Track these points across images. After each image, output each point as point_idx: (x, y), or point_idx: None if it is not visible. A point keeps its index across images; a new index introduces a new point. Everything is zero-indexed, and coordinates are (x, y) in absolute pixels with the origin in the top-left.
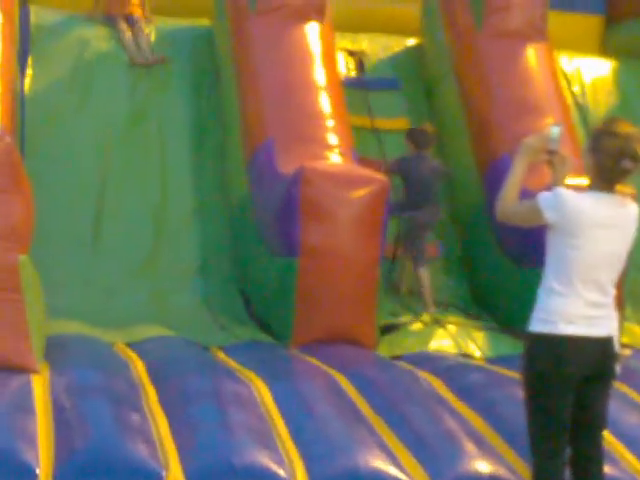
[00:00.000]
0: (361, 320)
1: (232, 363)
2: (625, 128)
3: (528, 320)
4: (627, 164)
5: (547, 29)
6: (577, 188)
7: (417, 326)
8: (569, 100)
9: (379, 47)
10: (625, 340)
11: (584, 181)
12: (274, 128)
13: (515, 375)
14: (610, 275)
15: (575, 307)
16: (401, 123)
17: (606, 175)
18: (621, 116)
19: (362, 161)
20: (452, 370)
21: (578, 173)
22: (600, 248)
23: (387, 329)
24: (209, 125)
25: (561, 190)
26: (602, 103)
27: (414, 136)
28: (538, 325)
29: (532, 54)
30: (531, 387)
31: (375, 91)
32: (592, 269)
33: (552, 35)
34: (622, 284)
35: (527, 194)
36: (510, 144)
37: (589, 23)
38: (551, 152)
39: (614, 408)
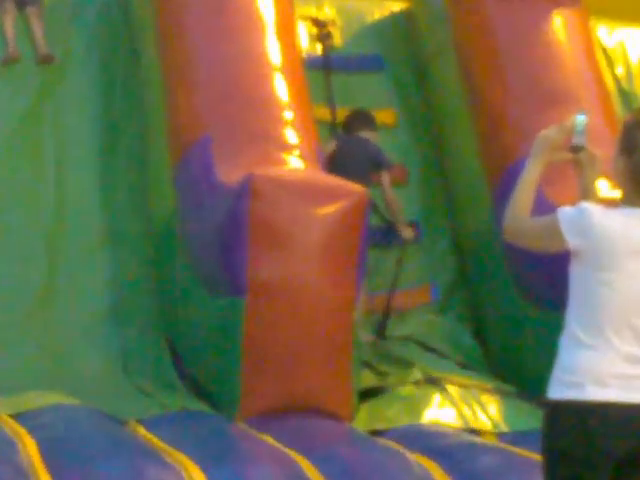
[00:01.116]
0: (332, 382)
1: (156, 441)
2: None
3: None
4: None
5: None
6: (611, 202)
7: (407, 389)
8: (610, 85)
9: (354, 14)
10: None
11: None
12: (211, 122)
13: (536, 456)
14: None
15: (608, 364)
16: (386, 116)
17: None
18: None
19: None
20: (454, 451)
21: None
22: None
23: (367, 394)
24: (123, 122)
25: (587, 205)
26: None
27: (349, 117)
28: (559, 389)
29: (560, 24)
30: (552, 473)
31: (349, 73)
32: (629, 312)
33: None
34: None
35: (545, 207)
36: (529, 144)
37: None
38: (576, 148)
39: None
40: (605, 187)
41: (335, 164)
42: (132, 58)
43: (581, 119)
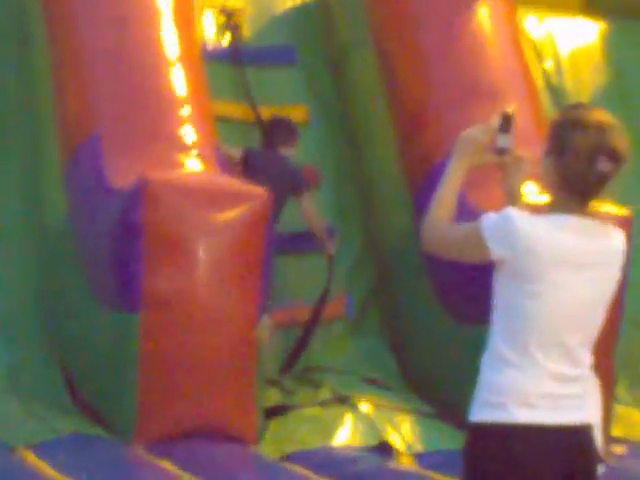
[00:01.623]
0: (234, 403)
1: (47, 469)
2: (597, 115)
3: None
4: (604, 165)
5: None
6: (537, 208)
7: (316, 409)
8: (538, 80)
9: (264, 3)
10: (616, 432)
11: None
12: (102, 119)
13: None
14: (584, 336)
15: (533, 383)
16: (298, 112)
17: (575, 186)
18: (612, 102)
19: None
20: (368, 476)
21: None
22: (569, 297)
23: (273, 412)
24: (14, 116)
25: (512, 212)
26: (585, 83)
27: (269, 128)
28: (482, 410)
29: (485, 14)
30: None
31: (259, 67)
32: (557, 328)
33: None
34: (610, 349)
35: (468, 213)
36: (452, 144)
37: None
38: (501, 150)
39: None
40: (533, 191)
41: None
42: (24, 49)
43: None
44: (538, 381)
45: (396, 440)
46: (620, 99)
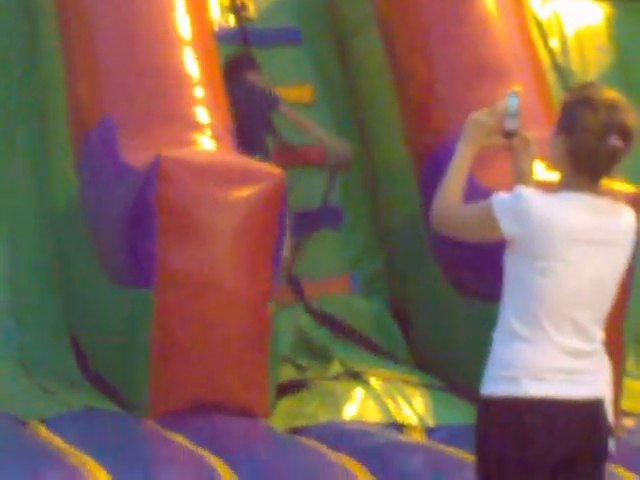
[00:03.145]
0: (247, 378)
1: (59, 443)
2: (607, 94)
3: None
4: (616, 142)
5: None
6: (548, 186)
7: (327, 383)
8: (544, 60)
9: None
10: (626, 405)
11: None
12: (115, 100)
13: (467, 456)
14: (595, 312)
15: (546, 357)
16: (303, 92)
17: (587, 163)
18: (618, 82)
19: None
20: (379, 450)
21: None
22: (581, 273)
23: (285, 388)
24: (22, 101)
25: (524, 191)
26: (591, 63)
27: (229, 64)
28: (493, 384)
29: None
30: (485, 476)
31: (265, 47)
32: (569, 304)
33: None
34: (620, 325)
35: (478, 193)
36: (459, 125)
37: None
38: (509, 133)
39: None
40: (541, 170)
41: None
42: (30, 32)
43: (513, 101)
44: (551, 356)
45: (408, 414)
46: (623, 79)
